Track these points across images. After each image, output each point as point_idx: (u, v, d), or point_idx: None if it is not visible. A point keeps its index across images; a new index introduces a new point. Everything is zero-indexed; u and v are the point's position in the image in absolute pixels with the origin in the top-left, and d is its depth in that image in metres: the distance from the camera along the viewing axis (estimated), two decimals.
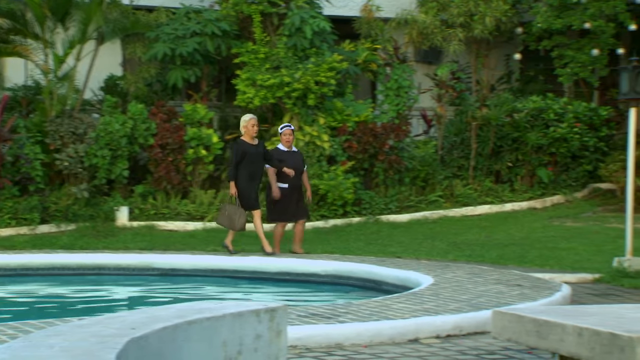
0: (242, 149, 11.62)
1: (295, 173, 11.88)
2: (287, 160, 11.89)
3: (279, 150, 12.07)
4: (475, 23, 17.46)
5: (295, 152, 12.14)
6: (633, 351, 5.02)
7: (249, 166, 11.60)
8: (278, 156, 11.92)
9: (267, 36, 15.71)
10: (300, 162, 12.07)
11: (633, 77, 10.90)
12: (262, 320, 4.88)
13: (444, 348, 7.16)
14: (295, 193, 11.96)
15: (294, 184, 11.92)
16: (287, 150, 12.03)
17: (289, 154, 11.99)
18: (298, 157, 12.11)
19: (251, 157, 11.60)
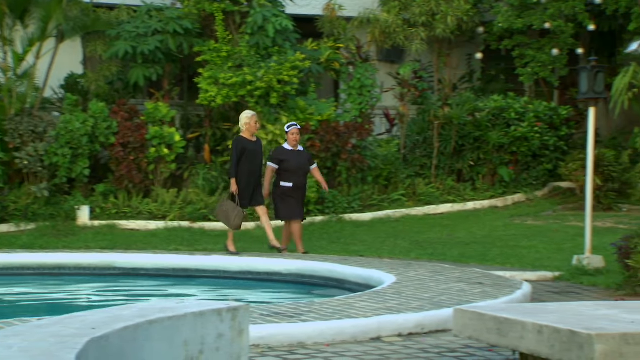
0: (242, 145, 11.46)
1: (300, 172, 11.79)
2: (290, 160, 11.77)
3: (283, 149, 11.93)
4: (437, 22, 17.55)
5: (300, 152, 11.97)
6: (592, 348, 5.07)
7: (248, 163, 11.45)
8: (281, 155, 11.79)
9: (230, 34, 15.66)
10: (304, 161, 11.93)
11: (592, 77, 11.02)
12: (224, 320, 4.87)
13: (406, 346, 7.19)
14: (299, 192, 11.85)
15: (298, 182, 11.81)
16: (291, 149, 11.87)
17: (293, 154, 11.84)
18: (303, 157, 11.96)
19: (250, 154, 11.46)
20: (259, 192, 11.65)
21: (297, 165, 11.77)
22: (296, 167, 11.77)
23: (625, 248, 9.64)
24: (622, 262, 9.72)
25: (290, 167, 11.81)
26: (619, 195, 15.95)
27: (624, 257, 9.67)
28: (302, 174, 11.85)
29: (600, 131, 17.95)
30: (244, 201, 11.49)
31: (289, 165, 11.79)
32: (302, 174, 11.85)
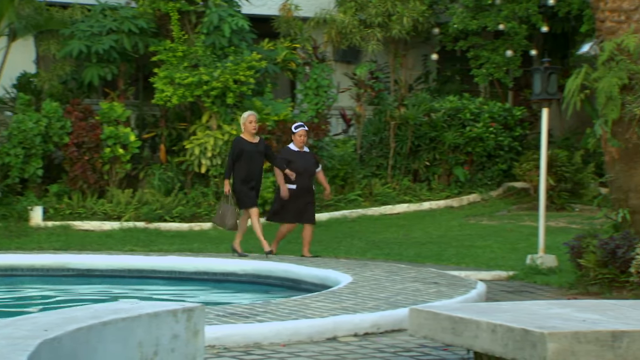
0: (239, 146, 11.24)
1: (305, 174, 11.47)
2: (297, 161, 11.44)
3: (289, 150, 11.66)
4: (393, 23, 17.63)
5: (306, 153, 11.66)
6: (544, 347, 5.13)
7: (246, 164, 11.20)
8: (287, 156, 11.52)
9: (185, 34, 15.58)
10: (311, 163, 11.63)
11: (545, 78, 11.15)
12: (179, 320, 4.85)
13: (362, 346, 7.21)
14: (304, 195, 11.51)
15: (303, 185, 11.48)
16: (297, 150, 11.58)
17: (299, 155, 11.54)
18: (309, 158, 11.65)
19: (248, 155, 11.21)
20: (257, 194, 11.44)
21: (303, 167, 11.45)
22: (302, 168, 11.43)
23: (578, 247, 9.77)
24: (574, 262, 9.84)
25: (295, 169, 11.43)
26: (572, 195, 16.16)
27: (576, 257, 9.79)
28: (307, 176, 11.52)
29: (554, 132, 18.16)
30: (245, 203, 11.26)
31: (295, 166, 11.41)
32: (307, 176, 11.52)
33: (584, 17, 16.82)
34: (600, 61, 9.41)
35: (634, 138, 9.38)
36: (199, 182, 15.48)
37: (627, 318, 5.72)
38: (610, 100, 9.32)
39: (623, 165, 9.53)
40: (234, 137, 15.16)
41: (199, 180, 15.50)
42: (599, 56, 9.45)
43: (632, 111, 9.29)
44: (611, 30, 9.48)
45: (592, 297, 9.23)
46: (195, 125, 15.51)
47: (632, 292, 9.21)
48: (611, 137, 9.49)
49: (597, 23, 9.70)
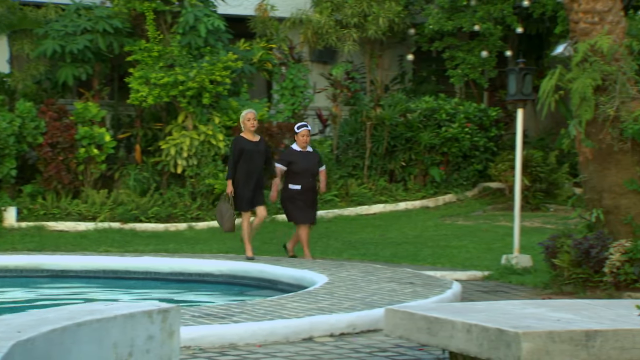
0: (239, 145, 11.07)
1: (307, 175, 11.34)
2: (299, 162, 11.35)
3: (291, 150, 11.54)
4: (369, 24, 17.66)
5: (309, 153, 11.53)
6: (519, 346, 5.16)
7: (246, 164, 11.02)
8: (289, 157, 11.41)
9: (161, 34, 15.52)
10: (314, 163, 11.49)
11: (520, 79, 11.21)
12: (154, 321, 4.83)
13: (338, 346, 7.22)
14: (308, 195, 11.39)
15: (306, 185, 11.37)
16: (300, 150, 11.45)
17: (302, 155, 11.41)
18: (312, 158, 11.52)
19: (249, 154, 11.02)
20: (260, 192, 11.23)
21: (305, 167, 11.35)
22: (304, 169, 11.34)
23: (552, 247, 9.82)
24: (549, 261, 9.90)
25: (298, 169, 11.36)
26: (547, 196, 16.25)
27: (550, 257, 9.85)
28: (309, 175, 11.41)
29: (529, 132, 18.26)
30: (242, 204, 11.08)
31: (296, 167, 11.34)
32: (309, 175, 11.41)
33: (558, 18, 16.92)
34: (574, 62, 9.47)
35: (607, 139, 9.45)
36: (175, 183, 15.43)
37: (601, 317, 5.76)
38: (584, 101, 9.38)
39: (597, 165, 9.60)
40: (210, 137, 15.15)
41: (174, 181, 15.45)
42: (573, 57, 9.51)
43: (606, 112, 9.37)
44: (585, 31, 9.54)
45: (566, 296, 9.29)
46: (171, 125, 15.46)
47: (605, 291, 9.28)
48: (585, 137, 9.56)
49: (571, 24, 9.77)
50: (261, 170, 11.18)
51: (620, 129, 9.37)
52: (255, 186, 11.12)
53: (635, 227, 9.38)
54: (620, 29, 9.60)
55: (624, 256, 9.16)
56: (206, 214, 14.95)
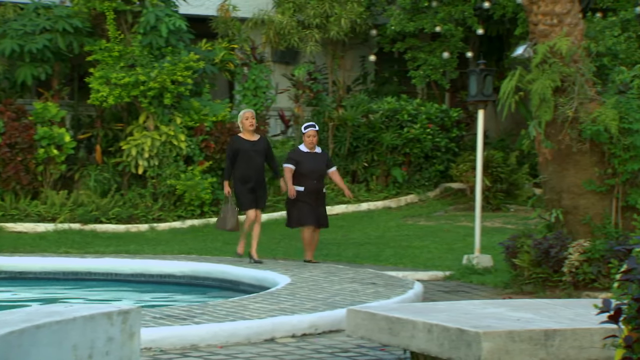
0: (235, 145, 10.93)
1: (312, 177, 11.07)
2: (305, 163, 11.08)
3: (298, 151, 11.29)
4: (331, 24, 17.68)
5: (317, 154, 11.25)
6: (479, 346, 5.20)
7: (242, 164, 10.85)
8: (295, 157, 11.12)
9: (122, 34, 15.41)
10: (321, 164, 11.22)
11: (481, 80, 11.29)
12: (114, 323, 4.80)
13: (300, 347, 7.22)
14: (312, 197, 11.08)
15: (311, 187, 11.06)
16: (307, 151, 11.18)
17: (308, 156, 11.15)
18: (320, 159, 11.26)
19: (245, 154, 10.84)
20: (260, 194, 11.01)
21: (310, 169, 11.07)
22: (309, 170, 11.06)
23: (512, 247, 9.91)
24: (509, 261, 9.99)
25: (303, 170, 11.08)
26: (507, 196, 16.38)
27: (511, 256, 9.93)
28: (315, 177, 11.10)
29: (489, 133, 18.40)
30: (243, 204, 10.90)
31: (302, 168, 11.06)
32: (315, 177, 11.10)
33: (518, 20, 17.07)
34: (534, 64, 9.56)
35: (566, 139, 9.55)
36: (136, 183, 15.33)
37: (560, 317, 5.82)
38: (544, 102, 9.47)
39: (556, 166, 9.70)
40: (171, 137, 15.06)
41: (136, 182, 15.35)
42: (533, 59, 9.60)
43: (565, 113, 9.46)
44: (544, 33, 9.64)
45: (526, 296, 9.37)
46: (132, 125, 15.36)
47: (564, 291, 9.37)
48: (544, 138, 9.65)
49: (531, 26, 9.85)
50: (260, 170, 10.96)
51: (579, 130, 9.47)
52: (255, 186, 10.92)
53: (594, 227, 9.49)
54: (579, 31, 9.71)
55: (583, 256, 9.26)
56: (168, 214, 14.87)
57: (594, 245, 9.26)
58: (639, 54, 14.77)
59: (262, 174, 11.04)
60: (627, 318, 4.15)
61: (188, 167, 15.14)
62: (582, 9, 11.00)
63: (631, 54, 14.20)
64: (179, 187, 14.80)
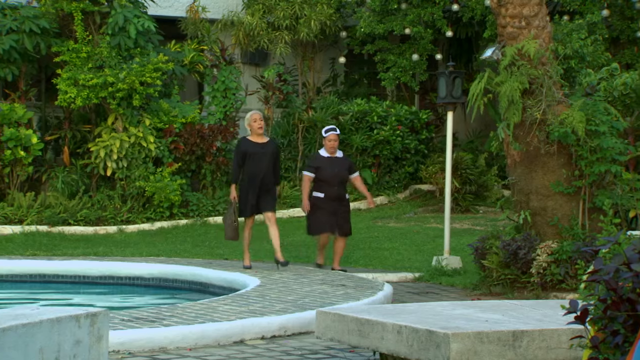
0: (243, 148, 10.47)
1: (333, 182, 10.72)
2: (325, 168, 10.73)
3: (318, 156, 10.96)
4: (301, 26, 17.68)
5: (339, 159, 10.88)
6: (448, 347, 5.21)
7: (250, 167, 10.39)
8: (315, 163, 10.82)
9: (90, 35, 15.31)
10: (343, 170, 10.83)
11: (450, 82, 11.34)
12: (82, 326, 4.77)
13: (269, 349, 7.21)
14: (333, 204, 10.76)
15: (331, 193, 10.72)
16: (328, 156, 10.82)
17: (329, 161, 10.78)
18: (342, 164, 10.88)
19: (252, 158, 10.39)
20: (267, 198, 10.52)
21: (331, 174, 10.71)
22: (330, 176, 10.71)
23: (481, 249, 9.96)
24: (478, 263, 10.04)
25: (323, 176, 10.74)
26: (476, 198, 16.46)
27: (479, 258, 9.98)
28: (336, 183, 10.76)
29: (458, 135, 18.48)
30: (244, 210, 10.48)
31: (322, 174, 10.72)
32: (336, 183, 10.76)
33: (487, 22, 17.16)
34: (502, 66, 9.62)
35: (534, 141, 9.61)
36: (105, 185, 15.23)
37: (528, 318, 5.86)
38: (512, 104, 9.53)
39: (524, 168, 9.76)
40: (140, 139, 14.98)
41: (104, 183, 15.25)
42: (501, 61, 9.66)
43: (533, 115, 9.53)
44: (512, 35, 9.70)
45: (495, 297, 9.42)
46: (101, 127, 15.26)
47: (532, 292, 9.44)
48: (513, 140, 9.71)
49: (499, 28, 9.92)
50: (268, 174, 10.51)
51: (547, 132, 9.54)
52: (261, 190, 10.49)
53: (562, 228, 9.56)
54: (546, 33, 9.78)
55: (551, 257, 9.33)
56: (136, 216, 14.79)
57: (562, 246, 9.33)
58: (605, 57, 14.90)
59: (271, 176, 10.58)
60: (593, 319, 4.18)
61: (157, 168, 15.07)
62: (550, 11, 11.10)
63: (598, 57, 14.31)
64: (148, 189, 14.73)
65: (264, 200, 10.50)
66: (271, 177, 10.56)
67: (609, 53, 16.11)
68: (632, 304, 4.04)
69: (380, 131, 17.10)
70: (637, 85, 11.33)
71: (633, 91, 11.33)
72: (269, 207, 10.54)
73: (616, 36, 17.74)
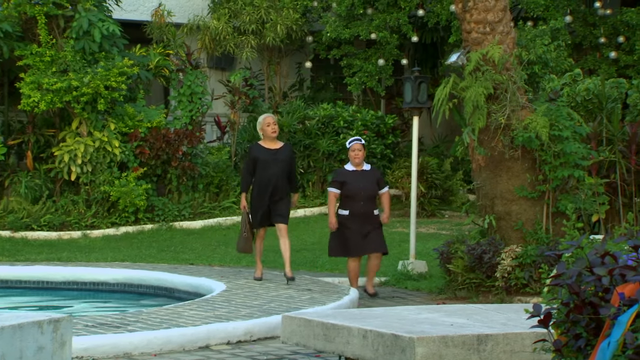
0: (253, 154, 9.77)
1: (359, 198, 9.77)
2: (351, 182, 9.80)
3: (343, 170, 10.08)
4: (267, 31, 17.67)
5: (365, 172, 9.92)
6: (412, 351, 5.23)
7: (260, 175, 9.64)
8: (340, 177, 9.89)
9: (53, 39, 15.19)
10: (369, 184, 9.86)
11: (415, 87, 11.39)
12: (44, 332, 4.72)
13: (235, 354, 7.19)
14: (360, 222, 9.76)
15: (357, 210, 9.75)
16: (353, 170, 9.89)
17: (354, 175, 9.86)
18: (368, 178, 9.89)
19: (263, 165, 9.64)
20: (279, 208, 9.73)
21: (357, 189, 9.77)
22: (356, 191, 9.77)
23: (447, 253, 10.01)
24: (444, 267, 10.08)
25: (348, 192, 9.81)
26: (442, 202, 16.54)
27: (445, 262, 10.03)
28: (362, 199, 9.79)
29: (424, 140, 18.57)
30: (255, 220, 9.76)
31: (347, 189, 9.80)
32: (362, 199, 9.79)
33: (452, 28, 17.27)
34: (467, 71, 9.68)
35: (499, 146, 9.68)
36: (69, 190, 15.11)
37: (492, 322, 5.90)
38: (477, 109, 9.59)
39: (489, 172, 9.83)
40: (105, 143, 14.87)
41: (68, 188, 15.13)
42: (466, 66, 9.72)
43: (498, 120, 9.60)
44: (477, 41, 9.77)
45: (460, 301, 9.47)
46: (65, 131, 15.14)
47: (497, 296, 9.50)
48: (478, 145, 9.77)
49: (464, 34, 9.98)
50: (281, 181, 9.70)
51: (511, 137, 9.61)
52: (272, 200, 9.71)
53: (526, 232, 9.63)
54: (510, 39, 9.86)
55: (515, 261, 9.39)
56: (101, 221, 14.69)
57: (526, 250, 9.40)
58: (568, 63, 15.02)
59: (284, 185, 9.77)
60: (556, 322, 4.22)
61: (122, 173, 14.98)
62: (514, 17, 11.19)
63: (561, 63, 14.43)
64: (113, 194, 14.63)
65: (275, 210, 9.74)
66: (284, 185, 9.77)
67: (572, 59, 16.28)
68: (594, 308, 4.08)
69: (347, 136, 17.12)
70: (599, 90, 11.47)
71: (595, 97, 11.47)
72: (279, 218, 9.76)
73: (579, 42, 17.93)
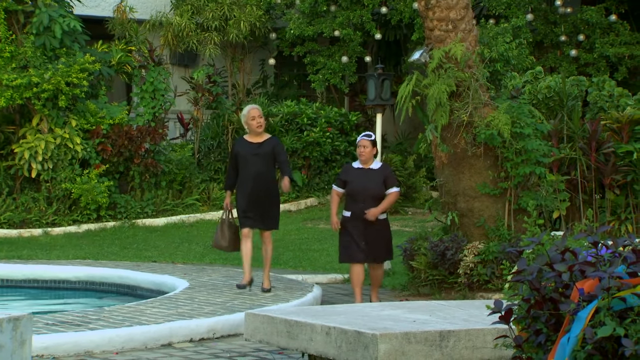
0: (234, 149, 9.19)
1: (360, 198, 8.96)
2: (353, 181, 9.03)
3: (348, 167, 9.36)
4: (230, 27, 17.62)
5: (373, 171, 9.07)
6: (376, 348, 5.25)
7: (243, 170, 9.02)
8: (343, 175, 9.20)
9: (13, 34, 15.02)
10: (374, 183, 8.99)
11: (379, 85, 11.43)
12: (4, 330, 4.68)
13: (197, 352, 7.17)
14: (360, 225, 8.96)
15: (359, 212, 8.93)
16: (359, 167, 9.12)
17: (359, 173, 9.07)
18: (374, 177, 9.03)
19: (243, 159, 9.02)
20: (265, 211, 9.16)
21: (360, 188, 8.98)
22: (358, 190, 8.99)
23: (410, 250, 10.05)
24: (407, 264, 10.12)
25: (350, 191, 9.06)
26: (405, 199, 16.59)
27: (408, 259, 10.07)
28: (365, 199, 8.97)
29: (388, 137, 18.63)
30: (245, 220, 9.08)
31: (349, 187, 9.06)
32: (365, 199, 8.97)
33: (415, 25, 17.34)
34: (430, 68, 9.72)
35: (461, 143, 9.73)
36: (30, 187, 14.95)
37: (454, 318, 5.93)
38: (440, 106, 9.64)
39: (452, 169, 9.88)
40: (66, 140, 14.73)
41: (29, 185, 14.97)
42: (429, 64, 9.77)
43: (460, 117, 9.65)
44: (440, 38, 9.81)
45: (423, 298, 9.52)
46: (25, 128, 14.97)
47: (459, 292, 9.55)
48: (441, 142, 9.82)
49: (427, 32, 10.02)
50: (262, 179, 9.08)
51: (474, 134, 9.67)
52: (254, 198, 9.07)
53: (488, 229, 9.70)
54: (473, 37, 9.92)
55: (477, 258, 9.46)
56: (63, 219, 14.55)
57: (488, 247, 9.47)
58: (530, 60, 15.18)
59: (269, 184, 9.16)
60: (517, 318, 4.25)
61: (84, 170, 14.85)
62: (476, 15, 11.26)
63: (522, 60, 14.57)
64: (75, 191, 14.50)
65: (261, 214, 9.14)
66: (268, 183, 9.13)
67: (533, 57, 16.43)
68: (555, 303, 4.12)
69: (310, 133, 17.13)
70: (560, 88, 11.58)
71: (556, 94, 11.58)
72: (262, 224, 9.17)
73: (540, 40, 18.09)
